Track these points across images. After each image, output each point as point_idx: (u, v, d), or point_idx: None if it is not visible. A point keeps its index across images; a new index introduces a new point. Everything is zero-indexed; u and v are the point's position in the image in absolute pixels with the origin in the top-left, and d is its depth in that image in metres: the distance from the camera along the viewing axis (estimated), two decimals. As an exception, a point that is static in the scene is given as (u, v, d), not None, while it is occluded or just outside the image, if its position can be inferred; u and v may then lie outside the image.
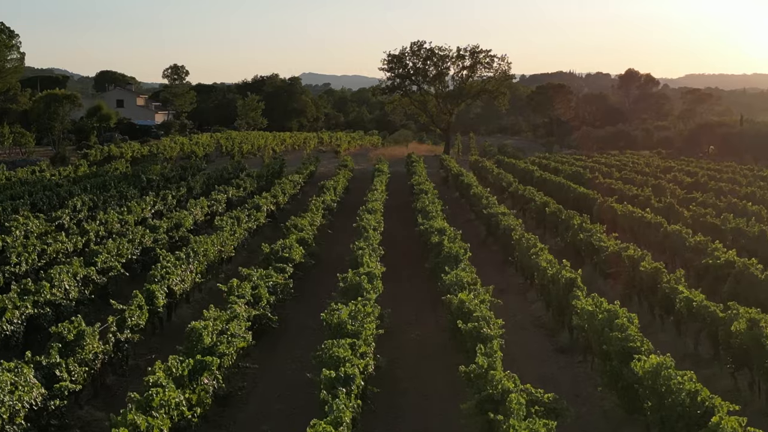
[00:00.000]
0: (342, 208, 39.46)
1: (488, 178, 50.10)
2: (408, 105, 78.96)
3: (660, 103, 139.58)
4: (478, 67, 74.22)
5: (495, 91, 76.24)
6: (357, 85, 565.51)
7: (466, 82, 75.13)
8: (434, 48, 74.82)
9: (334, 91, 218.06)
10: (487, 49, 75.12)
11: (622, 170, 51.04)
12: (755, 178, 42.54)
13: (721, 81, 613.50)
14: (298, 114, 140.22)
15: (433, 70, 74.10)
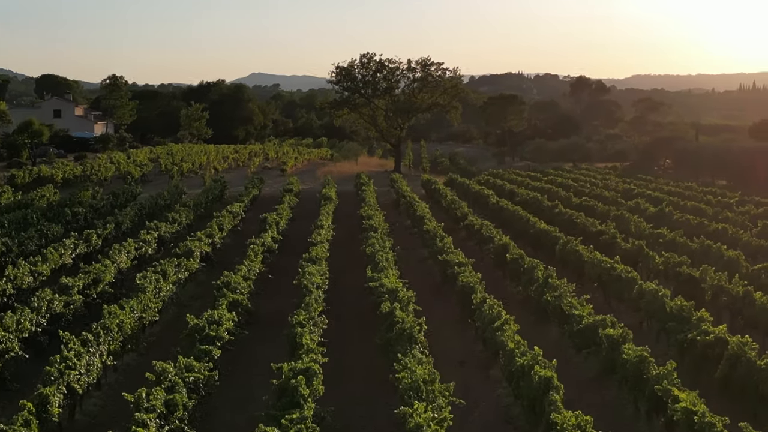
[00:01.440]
0: (285, 243, 36.59)
1: (441, 204, 47.53)
2: (357, 119, 76.13)
3: (611, 110, 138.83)
4: (430, 80, 71.62)
5: (447, 105, 73.75)
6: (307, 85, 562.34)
7: (416, 96, 72.50)
8: (384, 60, 72.22)
9: (283, 95, 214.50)
10: (439, 62, 72.73)
11: (580, 194, 48.84)
12: (721, 207, 40.52)
13: (666, 82, 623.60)
14: (245, 122, 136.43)
15: (383, 83, 71.37)
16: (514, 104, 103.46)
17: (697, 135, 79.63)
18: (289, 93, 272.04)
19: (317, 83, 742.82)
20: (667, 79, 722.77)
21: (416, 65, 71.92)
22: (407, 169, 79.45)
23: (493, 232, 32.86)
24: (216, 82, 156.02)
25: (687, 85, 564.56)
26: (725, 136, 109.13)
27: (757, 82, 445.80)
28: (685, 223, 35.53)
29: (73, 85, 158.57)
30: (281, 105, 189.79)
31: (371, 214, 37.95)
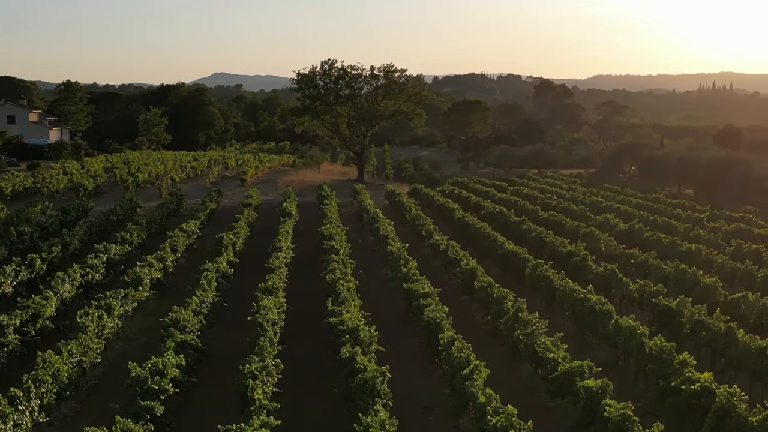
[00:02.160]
0: (243, 264, 34.97)
1: (406, 217, 46.12)
2: (319, 127, 74.44)
3: (575, 114, 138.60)
4: (393, 86, 70.13)
5: (410, 113, 72.32)
6: (270, 86, 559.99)
7: (380, 103, 70.98)
8: (346, 67, 70.61)
9: (245, 97, 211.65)
10: (402, 69, 71.30)
11: (548, 207, 47.71)
12: (692, 223, 39.52)
13: (627, 82, 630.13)
14: (206, 126, 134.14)
15: (346, 90, 69.76)
16: (478, 110, 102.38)
17: (662, 141, 79.02)
18: (251, 95, 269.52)
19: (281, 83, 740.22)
20: (628, 80, 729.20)
21: (379, 72, 70.46)
22: (371, 177, 78.00)
23: (460, 254, 31.50)
24: (176, 85, 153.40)
25: (648, 85, 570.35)
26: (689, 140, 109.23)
27: (717, 82, 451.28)
28: (656, 242, 34.43)
29: (30, 86, 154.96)
30: (243, 107, 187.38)
31: (332, 232, 36.40)
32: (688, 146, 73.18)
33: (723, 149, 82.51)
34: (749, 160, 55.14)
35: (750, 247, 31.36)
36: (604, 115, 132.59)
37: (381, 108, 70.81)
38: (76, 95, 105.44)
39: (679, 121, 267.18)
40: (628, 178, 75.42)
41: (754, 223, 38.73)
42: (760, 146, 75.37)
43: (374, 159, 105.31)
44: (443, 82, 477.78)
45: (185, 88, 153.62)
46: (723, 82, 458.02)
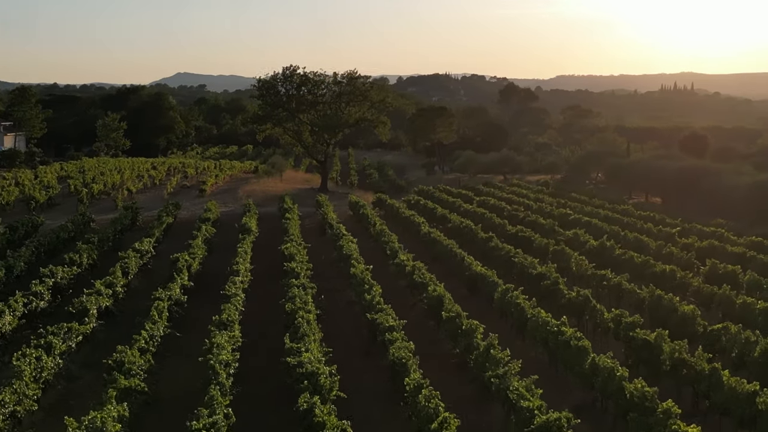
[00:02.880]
0: (199, 286, 33.39)
1: (370, 231, 44.68)
2: (281, 135, 72.65)
3: (539, 117, 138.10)
4: (356, 93, 68.61)
5: (374, 120, 70.84)
6: (234, 86, 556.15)
7: (343, 111, 69.41)
8: (309, 73, 68.94)
9: (207, 99, 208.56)
10: (366, 75, 69.85)
11: (515, 221, 46.52)
12: (664, 240, 38.49)
13: (590, 82, 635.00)
14: (167, 131, 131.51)
15: (308, 97, 68.10)
16: (443, 116, 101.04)
17: (629, 147, 78.35)
18: (214, 96, 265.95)
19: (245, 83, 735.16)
20: (590, 80, 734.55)
21: (342, 78, 68.91)
22: (334, 185, 76.37)
23: (427, 277, 30.10)
24: (136, 87, 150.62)
25: (610, 85, 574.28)
26: (653, 144, 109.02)
27: (678, 82, 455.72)
28: (629, 261, 33.32)
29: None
30: (206, 109, 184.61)
31: (293, 252, 34.85)
32: (654, 154, 72.37)
33: (689, 156, 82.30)
34: (717, 170, 54.42)
35: (725, 268, 30.32)
36: (569, 118, 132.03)
37: (344, 115, 69.27)
38: (30, 100, 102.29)
39: (641, 122, 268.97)
40: (594, 186, 74.61)
41: (727, 240, 37.80)
42: (726, 153, 75.05)
43: (338, 163, 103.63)
44: (407, 82, 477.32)
45: (146, 91, 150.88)
46: (684, 82, 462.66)
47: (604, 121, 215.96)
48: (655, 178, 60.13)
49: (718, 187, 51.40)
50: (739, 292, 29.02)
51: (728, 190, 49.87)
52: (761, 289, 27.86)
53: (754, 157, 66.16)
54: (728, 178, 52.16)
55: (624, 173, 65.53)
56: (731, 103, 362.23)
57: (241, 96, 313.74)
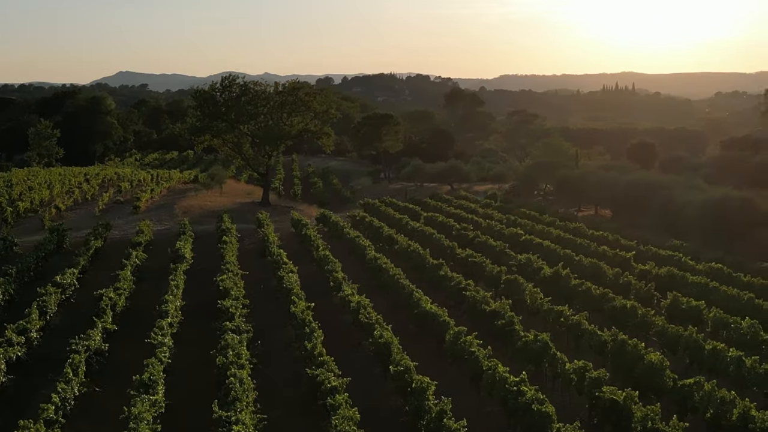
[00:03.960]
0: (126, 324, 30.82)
1: (313, 255, 42.32)
2: (221, 147, 69.76)
3: (485, 122, 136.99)
4: (299, 104, 66.01)
5: (318, 132, 68.35)
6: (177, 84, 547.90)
7: (285, 121, 66.78)
8: (249, 83, 66.17)
9: (147, 102, 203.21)
10: (310, 85, 67.34)
11: (465, 242, 44.61)
12: (621, 266, 36.81)
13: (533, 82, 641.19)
14: (104, 136, 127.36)
15: (248, 107, 65.29)
16: (388, 124, 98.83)
17: (578, 156, 77.15)
18: (155, 98, 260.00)
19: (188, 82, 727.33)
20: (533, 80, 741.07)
21: (284, 88, 66.32)
22: (277, 197, 73.68)
23: (372, 317, 27.85)
24: (72, 90, 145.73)
25: (553, 85, 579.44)
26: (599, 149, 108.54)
27: (620, 82, 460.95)
28: (586, 294, 31.50)
29: None
30: (146, 112, 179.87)
31: (228, 286, 32.36)
32: (602, 163, 71.10)
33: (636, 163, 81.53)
34: (669, 184, 53.16)
35: (689, 303, 28.64)
36: (515, 123, 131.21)
37: (287, 126, 66.67)
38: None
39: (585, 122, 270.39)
40: (543, 197, 73.29)
41: (686, 266, 36.22)
42: (675, 163, 74.25)
43: (282, 171, 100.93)
44: (352, 82, 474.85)
45: (83, 94, 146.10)
46: (625, 82, 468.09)
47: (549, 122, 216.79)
48: (605, 192, 58.78)
49: (670, 202, 50.09)
50: (704, 329, 27.46)
51: (680, 206, 48.55)
52: (727, 328, 26.23)
53: (704, 168, 65.24)
54: (680, 194, 50.85)
55: (573, 185, 64.10)
56: (672, 103, 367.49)
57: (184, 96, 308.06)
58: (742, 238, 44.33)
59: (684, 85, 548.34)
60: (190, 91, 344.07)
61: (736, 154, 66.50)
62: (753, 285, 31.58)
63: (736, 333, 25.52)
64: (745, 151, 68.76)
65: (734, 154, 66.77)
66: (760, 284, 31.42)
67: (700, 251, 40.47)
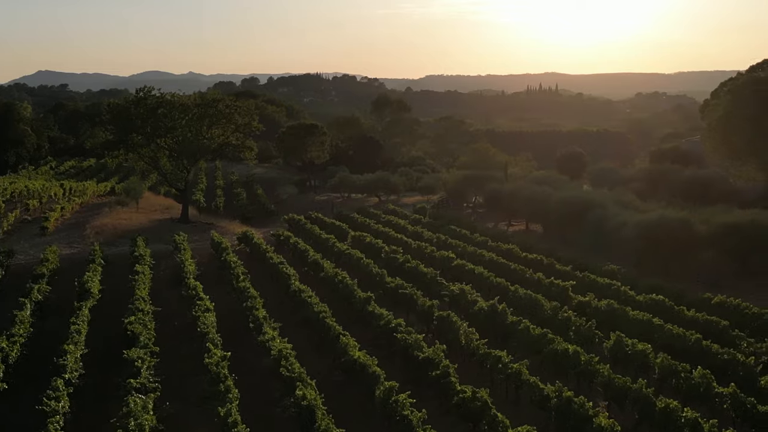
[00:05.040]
0: (21, 376, 27.78)
1: (232, 284, 39.61)
2: (136, 161, 66.18)
3: (413, 127, 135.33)
4: (219, 117, 62.96)
5: (240, 146, 65.35)
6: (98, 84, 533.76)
7: (205, 135, 63.61)
8: (166, 94, 62.80)
9: (65, 105, 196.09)
10: (231, 96, 64.38)
11: (394, 267, 42.41)
12: (559, 297, 35.01)
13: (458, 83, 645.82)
14: (16, 145, 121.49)
15: (165, 120, 61.92)
16: (314, 134, 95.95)
17: (506, 170, 75.68)
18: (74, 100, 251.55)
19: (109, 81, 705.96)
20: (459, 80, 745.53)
21: (201, 100, 63.17)
22: (197, 213, 70.32)
23: (295, 370, 25.34)
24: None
25: (478, 86, 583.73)
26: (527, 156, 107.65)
27: (543, 83, 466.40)
28: (525, 333, 29.53)
29: None
30: (64, 116, 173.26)
31: (138, 330, 29.50)
32: (532, 175, 69.70)
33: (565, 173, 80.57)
34: (602, 202, 51.78)
35: (634, 346, 26.83)
36: (443, 129, 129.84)
37: (206, 140, 63.50)
38: None
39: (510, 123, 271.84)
40: (473, 210, 71.60)
41: (626, 298, 34.49)
42: (604, 176, 73.31)
43: (204, 179, 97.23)
44: (278, 82, 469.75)
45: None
46: (548, 82, 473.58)
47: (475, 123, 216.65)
48: (536, 207, 57.27)
49: (604, 221, 48.71)
50: (651, 376, 25.73)
51: (615, 226, 47.18)
52: (676, 376, 24.48)
53: (634, 182, 64.23)
54: (614, 213, 49.48)
55: (503, 200, 62.50)
56: (594, 103, 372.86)
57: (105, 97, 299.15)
58: (677, 260, 43.14)
59: (605, 86, 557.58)
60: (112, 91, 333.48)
61: (666, 167, 65.80)
62: (698, 321, 30.01)
63: (687, 383, 23.80)
64: (675, 163, 68.18)
65: (665, 167, 66.06)
66: (704, 321, 29.85)
67: (637, 278, 38.98)
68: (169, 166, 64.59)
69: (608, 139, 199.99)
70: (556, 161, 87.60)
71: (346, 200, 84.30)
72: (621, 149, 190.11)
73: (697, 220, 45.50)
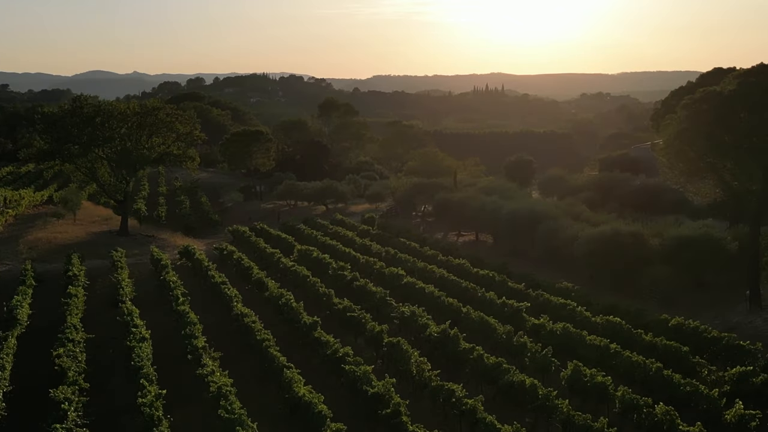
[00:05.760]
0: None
1: (172, 306, 37.66)
2: (73, 172, 63.52)
3: (360, 132, 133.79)
4: (160, 125, 60.69)
5: (181, 156, 63.12)
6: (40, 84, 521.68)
7: (144, 144, 61.24)
8: (103, 103, 60.40)
9: (4, 107, 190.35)
10: (171, 105, 62.26)
11: (341, 285, 40.94)
12: (513, 320, 33.77)
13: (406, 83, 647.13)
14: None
15: (103, 130, 59.42)
16: (259, 141, 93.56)
17: (455, 177, 74.53)
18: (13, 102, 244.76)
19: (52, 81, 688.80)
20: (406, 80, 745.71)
21: (141, 108, 60.83)
22: (138, 224, 67.85)
23: (236, 409, 23.63)
24: None
25: (425, 86, 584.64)
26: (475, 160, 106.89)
27: (489, 83, 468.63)
28: (479, 362, 28.19)
29: None
30: (1, 118, 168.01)
31: (66, 365, 27.53)
32: (481, 184, 68.52)
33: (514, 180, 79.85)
34: (554, 214, 50.84)
35: (593, 378, 25.62)
36: (392, 134, 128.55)
37: (146, 150, 61.15)
38: None
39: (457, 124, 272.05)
40: (422, 219, 70.33)
41: (582, 319, 33.36)
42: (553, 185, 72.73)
43: (147, 186, 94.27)
44: (224, 83, 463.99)
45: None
46: (495, 83, 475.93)
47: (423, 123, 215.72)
48: (486, 218, 56.20)
49: (556, 234, 47.80)
50: (612, 410, 24.59)
51: (567, 240, 46.27)
52: (638, 411, 23.34)
53: (584, 192, 63.50)
54: (566, 225, 48.58)
55: (453, 209, 61.31)
56: (539, 104, 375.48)
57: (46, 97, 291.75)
58: (630, 275, 42.33)
59: (551, 87, 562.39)
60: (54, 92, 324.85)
61: (616, 176, 65.26)
62: (657, 347, 28.96)
63: (649, 420, 22.68)
64: (625, 170, 67.74)
65: (615, 176, 65.53)
66: (663, 346, 28.83)
67: (592, 296, 38.03)
68: (107, 177, 62.10)
69: (555, 140, 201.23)
70: (505, 168, 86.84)
71: (292, 209, 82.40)
72: (567, 151, 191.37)
73: (649, 233, 44.79)
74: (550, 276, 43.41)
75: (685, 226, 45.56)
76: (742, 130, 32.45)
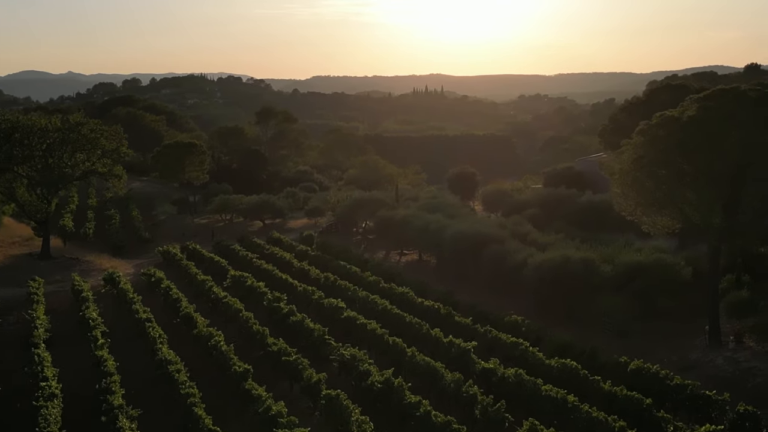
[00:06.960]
0: None
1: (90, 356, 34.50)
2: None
3: (299, 140, 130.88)
4: (83, 142, 57.09)
5: (107, 174, 59.59)
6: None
7: (67, 161, 57.56)
8: (21, 118, 56.60)
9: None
10: (95, 120, 58.78)
11: (278, 318, 38.24)
12: (461, 364, 31.37)
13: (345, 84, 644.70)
14: None
15: (22, 148, 55.65)
16: (192, 153, 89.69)
17: (397, 192, 72.22)
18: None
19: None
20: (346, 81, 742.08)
21: (63, 124, 57.18)
22: (62, 245, 63.98)
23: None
24: None
25: (364, 87, 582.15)
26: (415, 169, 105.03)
27: (429, 84, 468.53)
28: (425, 419, 25.71)
29: None
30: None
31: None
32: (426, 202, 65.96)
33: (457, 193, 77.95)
34: (500, 237, 48.75)
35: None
36: (332, 141, 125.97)
37: (68, 168, 57.49)
38: None
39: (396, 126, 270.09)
40: (362, 236, 67.74)
41: (534, 362, 31.13)
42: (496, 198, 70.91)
43: (76, 198, 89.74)
44: (161, 83, 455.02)
45: None
46: (434, 84, 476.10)
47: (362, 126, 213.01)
48: (429, 238, 53.93)
49: (503, 260, 45.75)
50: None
51: (514, 266, 44.24)
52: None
53: (530, 208, 61.51)
54: (513, 249, 46.54)
55: (395, 228, 58.89)
56: (479, 106, 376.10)
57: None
58: (581, 303, 40.37)
59: (489, 88, 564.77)
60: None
61: (562, 193, 63.48)
62: (617, 398, 26.84)
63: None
64: (570, 185, 66.04)
65: (561, 192, 63.74)
66: (624, 397, 26.72)
67: (542, 327, 36.01)
68: (27, 197, 58.25)
69: (495, 142, 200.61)
70: (448, 181, 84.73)
71: (228, 224, 79.06)
72: (508, 153, 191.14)
73: (600, 258, 42.96)
74: (497, 303, 41.33)
75: (636, 250, 43.87)
76: (702, 158, 30.65)
